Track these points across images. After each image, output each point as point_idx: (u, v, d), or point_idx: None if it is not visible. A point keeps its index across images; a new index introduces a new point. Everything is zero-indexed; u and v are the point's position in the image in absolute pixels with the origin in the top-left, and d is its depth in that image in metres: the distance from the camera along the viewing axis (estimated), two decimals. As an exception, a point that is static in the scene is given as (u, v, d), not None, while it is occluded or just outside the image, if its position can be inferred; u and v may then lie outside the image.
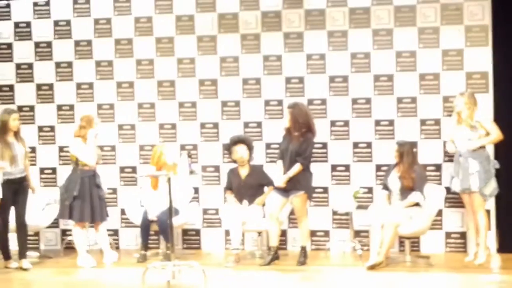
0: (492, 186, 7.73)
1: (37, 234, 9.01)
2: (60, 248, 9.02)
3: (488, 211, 8.17)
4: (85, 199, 8.06)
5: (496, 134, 7.71)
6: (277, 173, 7.86)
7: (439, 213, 8.20)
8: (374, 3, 8.56)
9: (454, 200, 8.24)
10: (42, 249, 8.99)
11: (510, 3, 8.10)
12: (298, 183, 7.77)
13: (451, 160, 8.14)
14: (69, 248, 8.83)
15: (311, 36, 8.70)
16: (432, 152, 8.41)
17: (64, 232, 9.10)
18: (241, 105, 8.83)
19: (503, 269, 7.65)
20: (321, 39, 8.67)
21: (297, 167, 7.75)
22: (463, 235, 8.37)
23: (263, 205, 8.23)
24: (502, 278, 7.26)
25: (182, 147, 8.81)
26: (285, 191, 7.80)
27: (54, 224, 8.94)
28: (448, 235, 8.36)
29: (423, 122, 8.46)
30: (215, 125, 8.88)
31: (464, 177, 7.71)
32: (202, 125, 8.90)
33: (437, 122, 8.43)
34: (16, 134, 8.02)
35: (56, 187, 8.99)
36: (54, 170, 9.13)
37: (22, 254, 8.02)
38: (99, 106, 9.07)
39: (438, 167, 8.41)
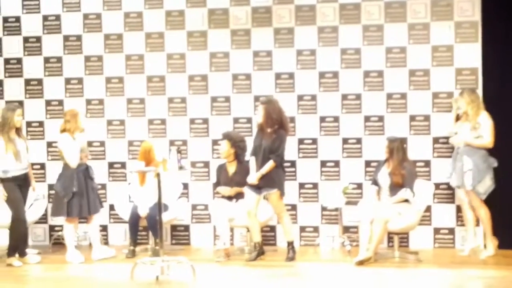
0: (487, 184, 7.76)
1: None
2: (48, 243, 8.98)
3: (476, 207, 8.23)
4: (82, 195, 8.05)
5: (488, 141, 7.77)
6: (252, 169, 7.85)
7: (428, 209, 8.22)
8: (363, -1, 8.58)
9: (443, 196, 8.26)
10: (31, 244, 8.93)
11: (500, 0, 8.10)
12: (271, 180, 7.77)
13: (440, 156, 8.16)
14: (58, 243, 8.82)
15: (301, 32, 8.68)
16: (422, 148, 8.41)
17: (53, 228, 9.07)
18: (231, 100, 8.81)
19: (490, 265, 7.66)
20: (312, 35, 8.66)
21: (270, 164, 7.74)
22: (451, 231, 8.38)
23: (236, 199, 8.24)
24: (490, 273, 7.27)
25: (172, 143, 8.79)
26: (258, 188, 7.80)
27: (43, 220, 8.90)
28: (436, 230, 8.36)
29: (412, 118, 8.46)
30: (205, 121, 8.86)
31: (458, 174, 7.80)
32: (192, 121, 8.88)
33: (426, 118, 8.43)
34: (18, 130, 8.01)
35: (44, 183, 9.00)
36: (42, 166, 9.10)
37: (23, 250, 8.00)
38: (88, 102, 9.03)
39: (427, 163, 8.41)
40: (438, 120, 8.36)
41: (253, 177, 7.79)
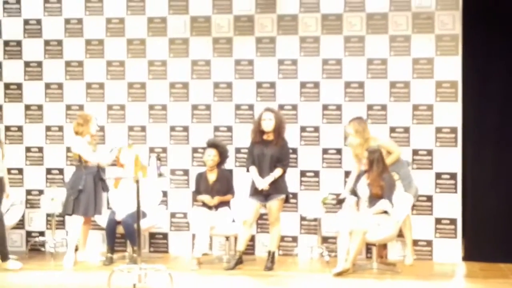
0: (414, 187, 8.04)
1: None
2: (25, 249, 8.89)
3: (454, 220, 8.28)
4: (89, 195, 8.09)
5: (397, 151, 8.05)
6: (256, 177, 7.81)
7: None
8: (346, 9, 8.59)
9: (421, 208, 8.28)
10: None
11: (480, 14, 8.17)
12: (279, 187, 7.80)
13: (419, 168, 8.21)
14: (35, 250, 8.74)
15: (283, 41, 8.69)
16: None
17: (30, 234, 8.99)
18: (211, 108, 8.80)
19: (468, 277, 7.71)
20: (293, 45, 8.67)
21: (279, 172, 7.76)
22: (429, 243, 8.41)
23: (216, 207, 8.23)
24: (468, 286, 7.31)
25: (152, 150, 8.75)
26: (264, 196, 7.78)
27: (19, 225, 8.82)
28: (414, 242, 8.36)
29: (393, 130, 8.49)
30: (185, 128, 8.84)
31: None
32: (172, 128, 8.86)
33: (406, 130, 8.47)
34: None
35: (22, 188, 8.93)
36: (20, 171, 9.02)
37: (5, 256, 7.92)
38: (68, 107, 8.98)
39: (406, 175, 8.46)
40: (417, 132, 8.40)
41: (263, 182, 7.76)
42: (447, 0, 8.42)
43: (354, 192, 7.98)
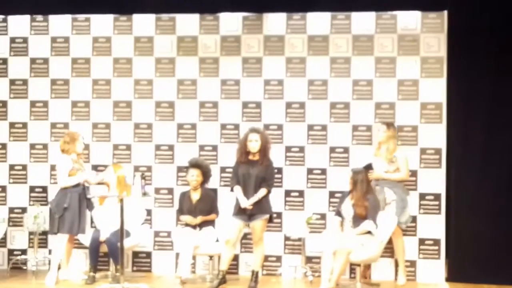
0: (408, 214, 8.07)
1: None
2: (6, 268, 8.80)
3: (438, 240, 8.28)
4: (75, 213, 8.03)
5: (405, 174, 8.10)
6: (241, 197, 7.77)
7: (390, 241, 8.21)
8: (332, 31, 8.65)
9: (405, 228, 8.26)
10: (-11, 268, 8.81)
11: (465, 36, 8.23)
12: (263, 207, 7.76)
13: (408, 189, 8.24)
14: (16, 268, 8.66)
15: (269, 62, 8.74)
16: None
17: (12, 252, 8.91)
18: (197, 128, 8.80)
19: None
20: (280, 65, 8.71)
21: (263, 192, 7.74)
22: (413, 263, 8.38)
23: (200, 227, 8.19)
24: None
25: (136, 169, 8.72)
26: (248, 215, 7.76)
27: (1, 243, 8.74)
28: (398, 262, 8.36)
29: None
30: (171, 147, 8.83)
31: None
32: (157, 147, 8.84)
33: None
34: None
35: (4, 206, 8.87)
36: (3, 188, 8.96)
37: None
38: (53, 125, 8.95)
39: (391, 196, 8.46)
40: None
41: (247, 202, 7.73)
42: (433, 23, 8.50)
43: (338, 213, 7.98)
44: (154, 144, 8.84)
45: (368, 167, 8.00)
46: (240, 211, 7.78)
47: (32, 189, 8.93)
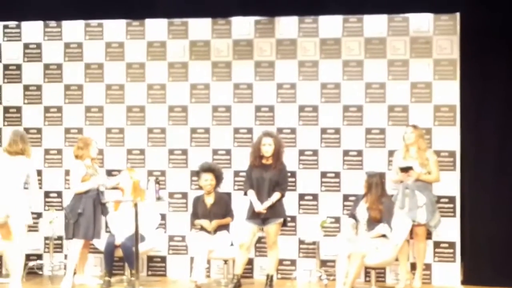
0: (437, 218, 8.01)
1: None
2: (22, 273, 8.82)
3: (453, 243, 8.27)
4: (89, 218, 8.07)
5: (435, 176, 8.03)
6: (255, 201, 7.78)
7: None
8: (345, 34, 8.65)
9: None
10: (4, 273, 8.83)
11: (478, 38, 8.21)
12: (277, 211, 7.78)
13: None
14: (32, 273, 8.70)
15: (282, 65, 8.74)
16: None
17: (28, 257, 8.92)
18: (210, 132, 8.82)
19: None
20: (292, 69, 8.72)
21: (277, 196, 7.76)
22: (428, 267, 8.37)
23: (215, 231, 8.20)
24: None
25: (150, 173, 8.75)
26: (262, 219, 7.77)
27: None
28: (413, 266, 8.33)
29: (391, 154, 8.48)
30: (184, 152, 8.85)
31: (411, 209, 7.90)
32: (171, 151, 8.87)
33: (405, 153, 8.49)
34: None
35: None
36: None
37: None
38: (67, 130, 9.00)
39: (405, 198, 8.45)
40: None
41: (261, 206, 7.74)
42: (445, 25, 8.48)
43: (352, 215, 7.98)
44: (168, 148, 8.87)
45: (408, 169, 7.91)
46: (254, 215, 7.80)
47: (47, 194, 8.97)
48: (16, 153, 7.70)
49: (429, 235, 8.30)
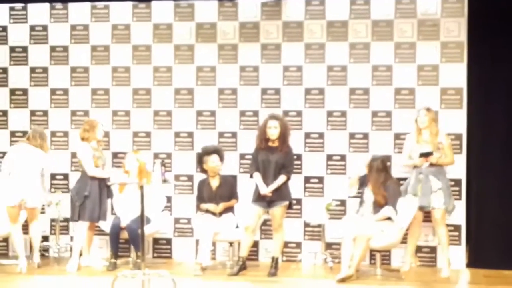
0: (452, 203, 7.91)
1: (6, 240, 8.93)
2: (29, 254, 8.86)
3: (458, 226, 8.25)
4: (95, 200, 8.13)
5: (450, 159, 7.90)
6: (260, 184, 7.78)
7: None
8: (352, 16, 8.60)
9: (425, 214, 8.23)
10: (11, 255, 8.89)
11: (486, 21, 8.17)
12: (282, 193, 7.79)
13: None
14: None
15: (288, 48, 8.71)
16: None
17: (34, 239, 9.00)
18: (216, 115, 8.81)
19: (472, 284, 7.69)
20: (299, 51, 8.69)
21: (283, 179, 7.76)
22: (433, 250, 8.38)
23: (220, 214, 8.22)
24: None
25: (156, 156, 8.76)
26: (267, 202, 7.78)
27: (24, 231, 8.77)
28: (418, 249, 8.34)
29: (397, 136, 8.48)
30: (190, 134, 8.85)
31: (424, 195, 7.81)
32: (177, 134, 8.87)
33: (411, 136, 8.47)
34: None
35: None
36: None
37: None
38: (73, 113, 9.01)
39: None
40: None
41: (267, 189, 7.74)
42: (453, 7, 8.43)
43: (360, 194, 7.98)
44: (174, 131, 8.87)
45: (429, 154, 7.78)
46: (259, 198, 7.80)
47: (53, 176, 8.98)
48: (35, 146, 8.17)
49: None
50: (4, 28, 9.13)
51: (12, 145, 8.54)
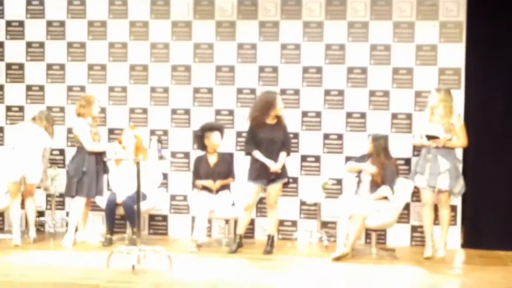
0: (461, 184, 7.80)
1: (1, 214, 8.93)
2: (25, 229, 8.87)
3: (454, 207, 8.27)
4: (92, 176, 8.13)
5: (462, 141, 7.80)
6: (268, 161, 7.72)
7: (406, 207, 8.23)
8: (350, -5, 8.58)
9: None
10: (6, 230, 8.89)
11: (485, 1, 8.13)
12: (283, 171, 7.79)
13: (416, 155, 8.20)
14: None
15: (286, 26, 8.66)
16: (403, 146, 8.42)
17: (30, 214, 8.99)
18: (213, 92, 8.78)
19: (466, 264, 7.73)
20: (297, 29, 8.64)
21: (285, 156, 7.78)
22: (429, 229, 8.41)
23: (217, 191, 8.23)
24: (465, 272, 7.32)
25: (153, 132, 8.73)
26: (268, 179, 7.76)
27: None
28: (414, 229, 8.38)
29: (394, 116, 8.47)
30: (187, 111, 8.82)
31: (432, 175, 7.73)
32: (174, 111, 8.84)
33: (408, 116, 8.46)
34: None
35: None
36: (21, 151, 9.02)
37: None
38: (70, 88, 8.96)
39: (407, 161, 8.44)
40: (420, 119, 8.34)
41: (276, 165, 7.72)
42: (452, -13, 8.41)
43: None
44: (170, 108, 8.84)
45: (434, 138, 7.68)
46: (260, 176, 7.76)
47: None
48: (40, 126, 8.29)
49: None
50: (1, 3, 9.06)
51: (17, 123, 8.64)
